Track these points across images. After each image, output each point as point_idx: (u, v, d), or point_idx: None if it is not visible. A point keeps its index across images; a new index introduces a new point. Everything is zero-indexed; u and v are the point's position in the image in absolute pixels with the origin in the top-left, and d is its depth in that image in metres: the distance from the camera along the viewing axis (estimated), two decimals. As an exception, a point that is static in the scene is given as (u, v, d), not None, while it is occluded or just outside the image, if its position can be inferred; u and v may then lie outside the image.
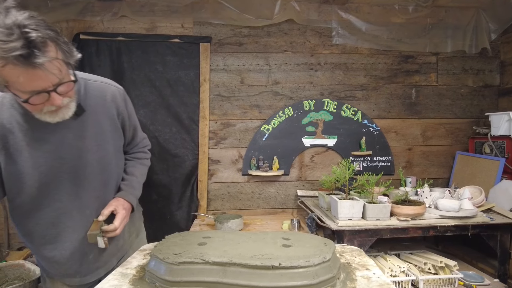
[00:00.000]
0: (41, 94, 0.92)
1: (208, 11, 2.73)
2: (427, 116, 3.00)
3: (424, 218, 2.05)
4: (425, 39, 2.93)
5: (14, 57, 0.82)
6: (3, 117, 1.03)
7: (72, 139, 1.12)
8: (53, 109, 1.00)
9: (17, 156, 1.05)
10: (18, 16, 0.84)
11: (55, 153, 1.10)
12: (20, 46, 0.82)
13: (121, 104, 1.27)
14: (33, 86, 0.90)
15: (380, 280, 1.11)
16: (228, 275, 0.99)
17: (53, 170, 1.10)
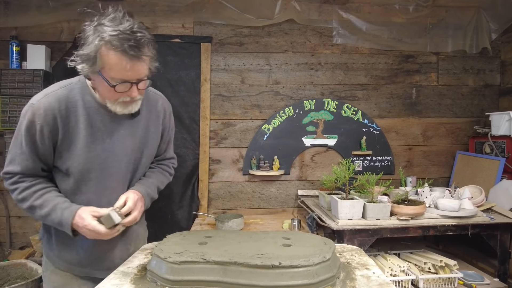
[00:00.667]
0: (125, 84, 1.09)
1: (209, 11, 2.74)
2: (427, 116, 3.00)
3: (424, 217, 2.05)
4: (426, 39, 2.93)
5: (128, 46, 1.03)
6: (70, 100, 1.15)
7: (121, 136, 1.24)
8: (127, 100, 1.14)
9: (74, 136, 1.16)
10: (130, 22, 1.07)
11: (103, 144, 1.20)
12: (132, 40, 1.03)
13: (167, 115, 1.42)
14: (126, 75, 1.08)
15: (379, 279, 1.11)
16: (229, 274, 0.99)
17: (97, 159, 1.20)
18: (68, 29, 2.75)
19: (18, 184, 1.16)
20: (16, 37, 2.64)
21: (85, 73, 1.12)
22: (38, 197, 1.16)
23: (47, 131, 1.13)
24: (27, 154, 1.15)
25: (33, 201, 1.15)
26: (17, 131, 1.17)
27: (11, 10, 2.66)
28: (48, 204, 1.15)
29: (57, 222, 1.15)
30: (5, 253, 2.64)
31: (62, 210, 1.14)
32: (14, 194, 1.17)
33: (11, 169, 1.17)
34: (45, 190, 1.18)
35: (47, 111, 1.12)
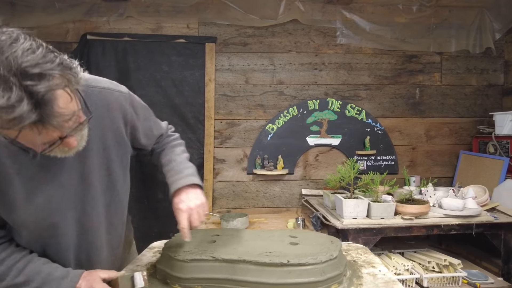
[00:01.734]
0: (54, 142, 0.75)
1: (213, 11, 2.76)
2: (430, 116, 3.01)
3: (428, 217, 2.06)
4: (429, 39, 2.94)
5: (26, 125, 0.65)
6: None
7: (71, 162, 0.92)
8: (65, 148, 0.81)
9: (6, 188, 0.85)
10: (10, 56, 0.63)
11: (51, 182, 0.90)
12: (28, 110, 0.63)
13: (128, 111, 1.07)
14: (47, 139, 0.73)
15: (385, 277, 1.13)
16: (238, 272, 1.01)
17: (52, 201, 0.91)
18: (73, 30, 2.78)
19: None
20: (22, 38, 2.66)
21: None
22: (18, 272, 0.87)
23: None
24: None
25: (13, 278, 0.87)
26: None
27: (17, 11, 2.68)
28: (36, 276, 0.88)
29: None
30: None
31: (59, 280, 0.89)
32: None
33: None
34: (24, 259, 0.90)
35: None
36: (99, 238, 1.05)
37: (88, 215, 1.00)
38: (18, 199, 0.86)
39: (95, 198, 1.00)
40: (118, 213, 1.12)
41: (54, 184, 0.91)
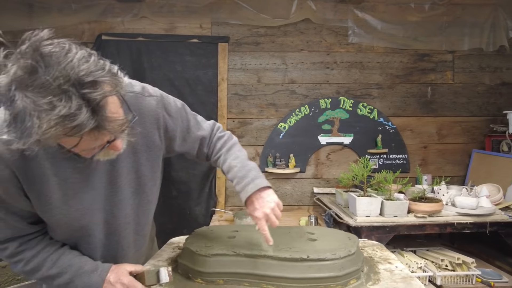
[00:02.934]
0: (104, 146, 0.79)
1: (226, 11, 2.79)
2: (442, 114, 3.00)
3: (441, 215, 2.07)
4: (441, 37, 2.93)
5: (82, 130, 0.68)
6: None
7: (103, 164, 0.95)
8: (110, 152, 0.85)
9: (44, 188, 0.88)
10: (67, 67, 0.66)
11: (84, 184, 0.93)
12: (87, 117, 0.67)
13: (161, 114, 1.07)
14: (98, 143, 0.77)
15: (402, 273, 1.15)
16: (259, 266, 1.04)
17: (83, 203, 0.94)
18: (89, 30, 2.83)
19: (20, 255, 0.92)
20: (40, 39, 2.72)
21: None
22: (52, 264, 0.92)
23: (12, 189, 0.86)
24: (4, 217, 0.90)
25: (47, 270, 0.92)
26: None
27: (35, 12, 2.74)
28: (68, 269, 0.93)
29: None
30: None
31: (89, 274, 0.93)
32: (19, 267, 0.93)
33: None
34: (57, 252, 0.94)
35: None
36: (126, 238, 1.08)
37: (116, 217, 1.02)
38: (54, 199, 0.90)
39: (123, 201, 1.03)
40: (146, 215, 1.14)
41: (86, 187, 0.94)
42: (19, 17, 2.72)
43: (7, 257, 0.92)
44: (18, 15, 2.72)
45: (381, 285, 1.05)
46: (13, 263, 0.93)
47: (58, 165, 0.88)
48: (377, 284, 1.06)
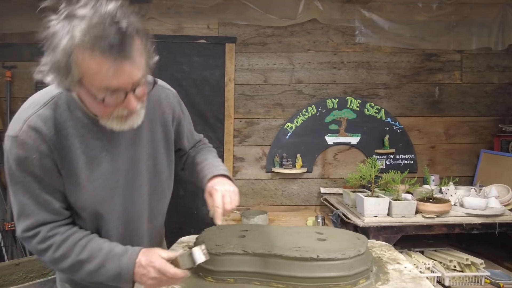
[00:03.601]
0: (118, 93, 0.81)
1: (233, 12, 2.80)
2: (450, 114, 2.99)
3: (449, 215, 2.06)
4: (449, 37, 2.91)
5: (106, 45, 0.73)
6: (57, 121, 0.89)
7: (125, 148, 0.99)
8: (124, 114, 0.87)
9: (72, 165, 0.91)
10: (110, 5, 0.76)
11: (110, 165, 0.97)
12: (112, 33, 0.73)
13: (177, 108, 1.15)
14: (114, 82, 0.78)
15: (412, 273, 1.15)
16: (268, 265, 1.05)
17: (107, 184, 0.97)
18: (97, 31, 2.86)
19: (51, 240, 0.89)
20: (49, 40, 2.76)
21: (60, 87, 0.83)
22: (81, 248, 0.90)
23: (49, 163, 0.89)
24: (39, 196, 0.90)
25: (77, 255, 0.89)
26: (11, 176, 0.89)
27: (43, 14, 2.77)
28: (98, 253, 0.90)
29: (113, 274, 0.90)
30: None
31: (119, 257, 0.91)
32: (49, 254, 0.89)
33: (29, 224, 0.90)
34: (85, 238, 0.93)
35: (37, 140, 0.86)
36: (141, 226, 1.09)
37: (134, 203, 1.05)
38: (82, 178, 0.92)
39: (142, 186, 1.06)
40: (160, 204, 1.17)
41: (111, 167, 0.97)
42: (28, 19, 2.75)
43: (38, 243, 0.90)
44: (28, 17, 2.76)
45: (390, 285, 1.06)
46: (43, 251, 0.90)
47: (86, 144, 0.92)
48: (386, 284, 1.06)
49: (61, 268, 0.92)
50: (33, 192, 0.89)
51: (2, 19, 2.74)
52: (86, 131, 0.92)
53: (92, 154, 0.93)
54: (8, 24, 2.75)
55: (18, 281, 1.83)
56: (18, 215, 0.91)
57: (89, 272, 0.90)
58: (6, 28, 2.76)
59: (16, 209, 0.91)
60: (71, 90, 0.84)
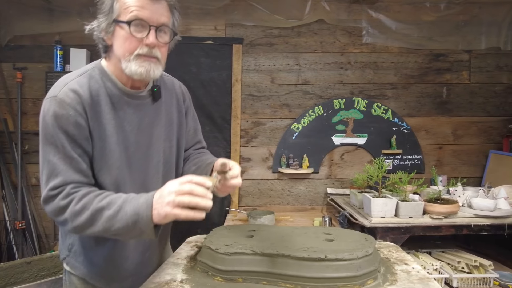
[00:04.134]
0: (143, 27, 0.95)
1: (240, 13, 2.82)
2: (458, 115, 2.97)
3: (457, 216, 2.05)
4: (457, 37, 2.90)
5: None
6: (92, 87, 1.00)
7: (147, 124, 1.10)
8: (144, 52, 0.97)
9: (104, 130, 1.00)
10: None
11: (132, 135, 1.06)
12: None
13: (187, 97, 1.28)
14: (144, 14, 0.95)
15: (420, 274, 1.15)
16: (277, 265, 1.06)
17: (127, 153, 1.05)
18: (106, 33, 2.89)
19: (73, 195, 0.92)
20: (60, 42, 2.80)
21: (101, 29, 0.98)
22: (102, 198, 0.92)
23: (83, 122, 0.96)
24: (69, 155, 0.95)
25: (97, 203, 0.91)
26: (44, 136, 0.96)
27: (55, 17, 2.82)
28: (117, 200, 0.92)
29: (130, 214, 0.88)
30: (50, 244, 2.82)
31: (138, 198, 0.91)
32: (70, 208, 0.91)
33: (57, 182, 0.93)
34: (105, 193, 0.96)
35: (74, 100, 0.95)
36: None
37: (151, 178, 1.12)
38: (110, 142, 1.01)
39: (158, 164, 1.14)
40: None
41: (134, 139, 1.07)
42: (40, 21, 2.81)
43: (60, 199, 0.91)
44: (39, 19, 2.81)
45: (398, 286, 1.06)
46: (64, 207, 0.91)
47: (115, 111, 1.03)
48: (394, 285, 1.07)
49: (79, 222, 0.91)
50: (63, 151, 0.94)
51: (13, 21, 2.79)
52: (116, 100, 1.03)
53: (120, 121, 1.03)
54: (19, 26, 2.80)
55: (30, 279, 1.87)
56: (48, 176, 0.94)
57: (108, 218, 0.89)
58: (17, 31, 2.80)
59: (46, 171, 0.95)
60: (106, 41, 1.01)
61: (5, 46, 2.85)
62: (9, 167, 2.88)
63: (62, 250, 1.17)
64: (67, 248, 1.15)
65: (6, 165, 2.86)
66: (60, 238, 1.20)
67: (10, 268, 1.84)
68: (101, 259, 1.12)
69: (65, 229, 1.01)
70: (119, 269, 1.15)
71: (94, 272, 1.13)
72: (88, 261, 1.12)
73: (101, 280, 1.15)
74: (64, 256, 1.16)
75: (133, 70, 0.97)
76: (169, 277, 1.13)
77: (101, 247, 1.10)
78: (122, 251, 1.13)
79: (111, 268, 1.14)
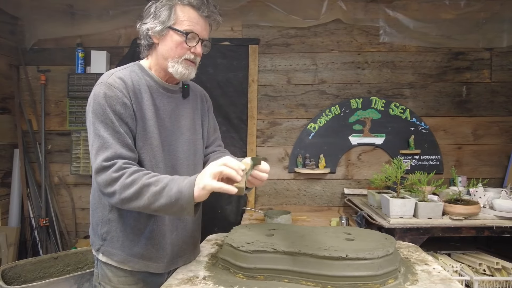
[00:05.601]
0: (194, 38, 1.16)
1: (256, 13, 2.83)
2: (478, 114, 2.91)
3: (478, 218, 2.02)
4: (478, 35, 2.84)
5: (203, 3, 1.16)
6: (134, 78, 1.17)
7: (177, 115, 1.26)
8: (190, 58, 1.18)
9: (144, 114, 1.16)
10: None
11: (165, 122, 1.22)
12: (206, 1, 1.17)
13: (209, 102, 1.47)
14: (197, 28, 1.16)
15: (441, 274, 1.14)
16: (298, 264, 1.07)
17: (161, 136, 1.20)
18: (125, 35, 2.97)
19: (125, 170, 1.03)
20: (81, 44, 2.88)
21: (153, 31, 1.15)
22: (150, 176, 1.03)
23: (128, 103, 1.12)
24: (117, 130, 1.08)
25: (146, 179, 1.01)
26: (95, 116, 1.08)
27: (76, 20, 2.91)
28: (164, 179, 1.02)
29: (175, 191, 0.98)
30: (72, 241, 2.91)
31: (183, 179, 1.01)
32: (121, 180, 1.01)
33: (108, 154, 1.04)
34: (154, 173, 1.07)
35: (121, 85, 1.12)
36: None
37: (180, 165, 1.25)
38: (149, 124, 1.16)
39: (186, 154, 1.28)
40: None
41: (167, 127, 1.22)
42: (62, 25, 2.89)
43: (113, 171, 1.02)
44: (61, 22, 2.90)
45: (419, 286, 1.06)
46: (115, 179, 1.01)
47: (153, 100, 1.19)
48: (415, 285, 1.07)
49: (127, 195, 1.01)
50: (113, 126, 1.07)
51: (37, 26, 2.89)
52: (153, 90, 1.21)
53: (157, 109, 1.20)
54: (42, 30, 2.89)
55: (57, 274, 1.94)
56: (98, 149, 1.06)
57: (154, 193, 0.99)
58: (41, 35, 2.90)
59: (96, 145, 1.06)
60: (154, 41, 1.18)
61: (30, 50, 2.95)
62: (33, 166, 2.98)
63: (95, 241, 1.23)
64: (101, 238, 1.21)
65: (31, 164, 2.96)
66: (91, 230, 1.26)
67: (38, 262, 1.93)
68: (142, 239, 1.19)
69: (110, 202, 1.08)
70: (157, 247, 1.21)
71: (133, 254, 1.19)
72: (127, 245, 1.19)
73: (140, 261, 1.20)
74: (99, 246, 1.21)
75: (179, 71, 1.17)
76: (192, 274, 1.16)
77: (142, 226, 1.19)
78: (161, 230, 1.21)
79: (150, 246, 1.20)
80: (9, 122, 2.93)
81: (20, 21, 2.95)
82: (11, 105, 2.94)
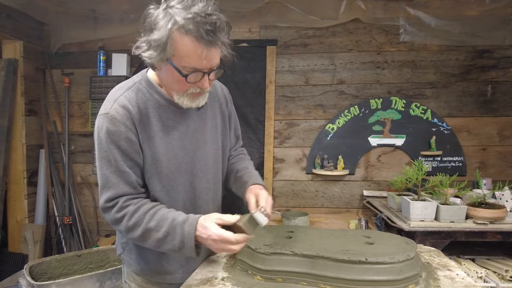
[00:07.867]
0: (198, 73, 0.97)
1: (274, 14, 2.83)
2: (505, 114, 2.81)
3: (505, 222, 1.95)
4: (504, 31, 2.74)
5: (204, 31, 0.90)
6: (140, 101, 1.07)
7: (194, 130, 1.15)
8: (196, 92, 1.03)
9: (152, 141, 1.08)
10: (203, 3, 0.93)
11: (179, 142, 1.12)
12: (208, 23, 0.90)
13: (229, 101, 1.32)
14: (200, 64, 0.95)
15: (465, 281, 1.11)
16: (317, 267, 1.06)
17: (176, 159, 1.12)
18: (145, 38, 3.02)
19: (125, 210, 1.02)
20: (102, 48, 2.96)
21: (152, 61, 0.99)
22: (150, 218, 1.02)
23: (133, 137, 1.05)
24: (121, 169, 1.04)
25: (147, 223, 1.01)
26: (99, 151, 1.04)
27: (99, 24, 2.98)
28: (164, 222, 1.01)
29: (178, 241, 1.00)
30: (93, 239, 2.99)
31: (182, 224, 1.00)
32: (124, 222, 1.02)
33: (110, 195, 1.03)
34: (154, 208, 1.05)
35: (124, 116, 1.03)
36: (206, 203, 1.22)
37: (200, 180, 1.18)
38: (157, 153, 1.08)
39: (207, 166, 1.19)
40: (219, 188, 1.31)
41: (181, 145, 1.13)
42: (85, 29, 2.98)
43: (115, 212, 1.03)
44: (84, 27, 2.98)
45: (442, 292, 1.03)
46: (119, 220, 1.03)
47: (163, 122, 1.10)
48: (437, 291, 1.04)
49: (134, 236, 1.03)
50: (116, 164, 1.03)
51: (62, 31, 2.99)
52: (163, 111, 1.09)
53: (167, 131, 1.10)
54: (67, 35, 2.99)
55: (80, 271, 2.01)
56: (102, 187, 1.05)
57: (158, 240, 1.01)
58: (65, 39, 3.00)
59: (100, 182, 1.05)
60: (155, 67, 1.03)
61: (55, 54, 3.06)
62: (57, 166, 3.08)
63: (118, 246, 1.27)
64: (121, 246, 1.25)
65: (55, 164, 3.07)
66: (117, 234, 1.30)
67: (63, 260, 2.01)
68: (155, 255, 1.19)
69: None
70: (171, 262, 1.21)
71: (147, 268, 1.21)
72: (141, 258, 1.21)
73: (155, 275, 1.22)
74: (120, 252, 1.26)
75: (185, 103, 1.06)
76: (211, 275, 1.17)
77: None
78: None
79: (164, 261, 1.21)
80: (36, 124, 3.05)
81: (46, 27, 3.06)
82: (38, 107, 3.06)
